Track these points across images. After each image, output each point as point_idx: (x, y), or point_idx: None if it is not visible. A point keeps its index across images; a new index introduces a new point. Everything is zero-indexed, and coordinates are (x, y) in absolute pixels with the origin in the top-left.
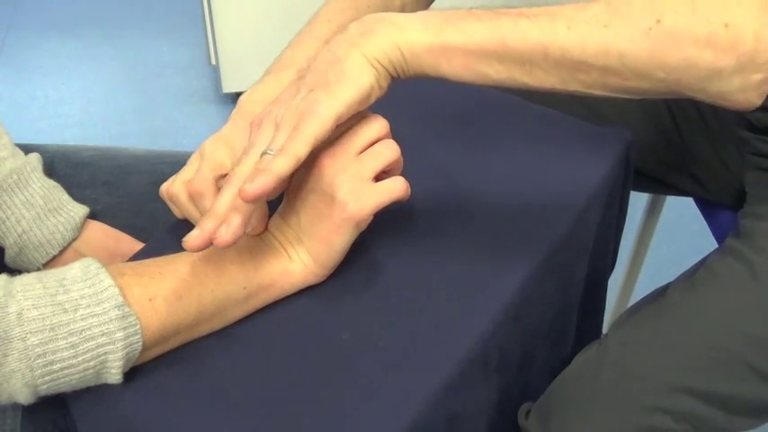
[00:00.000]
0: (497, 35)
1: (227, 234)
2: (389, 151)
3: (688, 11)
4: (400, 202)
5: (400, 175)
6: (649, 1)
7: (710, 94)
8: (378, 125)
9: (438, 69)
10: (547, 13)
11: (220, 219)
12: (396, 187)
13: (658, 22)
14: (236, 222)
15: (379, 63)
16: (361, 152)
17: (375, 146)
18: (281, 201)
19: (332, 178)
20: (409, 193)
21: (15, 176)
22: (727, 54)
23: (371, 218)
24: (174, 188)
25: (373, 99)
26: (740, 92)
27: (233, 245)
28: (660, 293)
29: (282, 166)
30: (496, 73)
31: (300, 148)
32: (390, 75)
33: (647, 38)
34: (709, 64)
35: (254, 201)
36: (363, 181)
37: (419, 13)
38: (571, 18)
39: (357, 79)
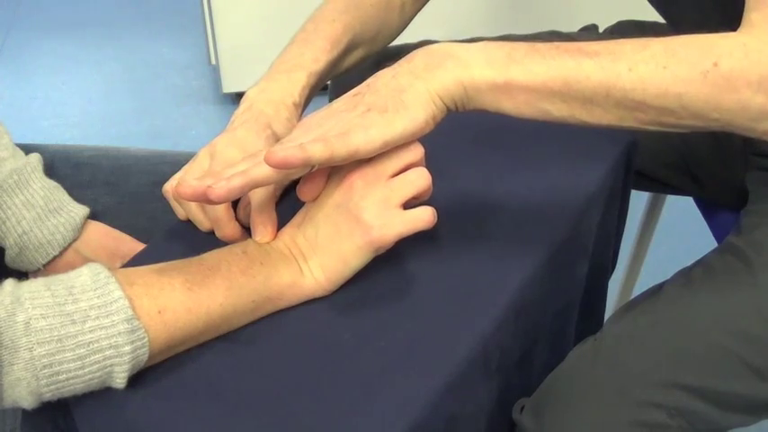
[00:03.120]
0: (561, 74)
1: (221, 189)
2: (421, 180)
3: (741, 54)
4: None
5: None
6: (705, 43)
7: (758, 133)
8: (413, 151)
9: (499, 105)
10: (607, 51)
11: (224, 179)
12: (423, 217)
13: (715, 65)
14: (236, 182)
15: (441, 99)
16: (393, 176)
17: (407, 172)
18: (284, 207)
19: (360, 199)
20: (435, 222)
21: (16, 177)
22: None
23: (392, 244)
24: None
25: (425, 133)
26: None
27: (224, 201)
28: (657, 290)
29: (316, 149)
30: (558, 111)
31: (339, 148)
32: (448, 109)
33: (704, 81)
34: (759, 107)
35: (275, 165)
36: (391, 207)
37: (482, 45)
38: (631, 58)
39: (414, 113)
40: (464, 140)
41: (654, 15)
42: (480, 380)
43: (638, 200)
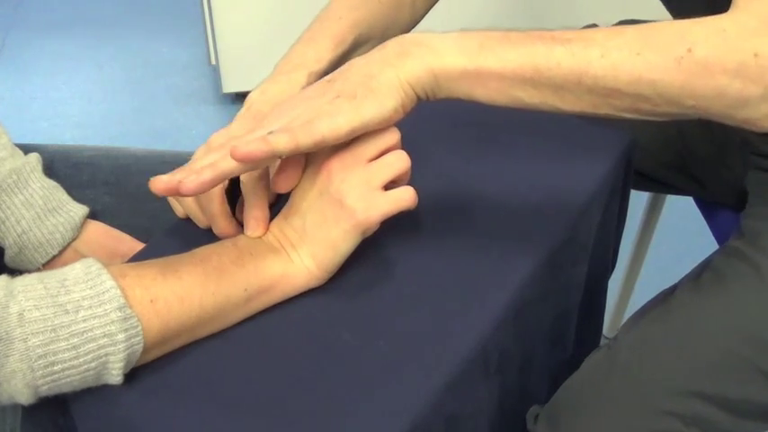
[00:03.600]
0: (532, 62)
1: (192, 183)
2: (400, 162)
3: (719, 40)
4: (407, 210)
5: (408, 184)
6: (681, 29)
7: (737, 120)
8: (390, 135)
9: (471, 93)
10: (580, 38)
11: (194, 173)
12: (405, 197)
13: (689, 51)
14: (206, 175)
15: (411, 87)
16: (372, 160)
17: (386, 156)
18: (281, 203)
19: (341, 183)
20: (417, 202)
21: (15, 176)
22: (755, 84)
23: (378, 226)
24: None
25: (393, 121)
26: (766, 118)
27: (195, 194)
28: (667, 296)
29: (280, 141)
30: (530, 97)
31: (304, 137)
32: (419, 98)
33: (678, 67)
34: (737, 93)
35: (240, 159)
36: (373, 189)
37: (456, 34)
38: (604, 45)
39: (382, 100)
40: (464, 139)
41: (655, 15)
42: (480, 379)
43: (638, 200)
